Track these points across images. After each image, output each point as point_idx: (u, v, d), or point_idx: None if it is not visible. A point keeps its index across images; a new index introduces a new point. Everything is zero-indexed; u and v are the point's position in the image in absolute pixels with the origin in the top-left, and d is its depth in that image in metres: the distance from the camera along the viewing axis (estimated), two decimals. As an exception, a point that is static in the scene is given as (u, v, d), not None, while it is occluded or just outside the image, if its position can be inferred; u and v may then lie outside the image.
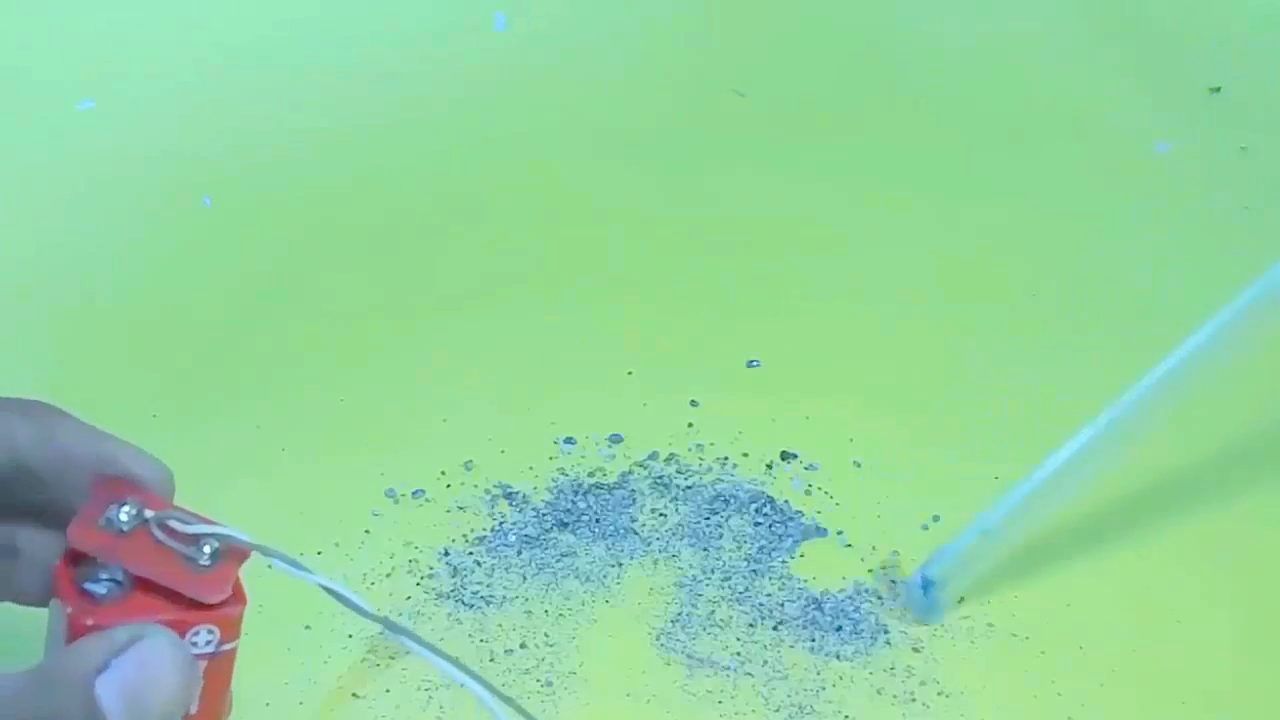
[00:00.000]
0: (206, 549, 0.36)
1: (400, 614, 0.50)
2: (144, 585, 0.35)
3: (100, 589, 0.35)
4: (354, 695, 0.48)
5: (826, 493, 0.55)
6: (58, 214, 0.65)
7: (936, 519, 0.54)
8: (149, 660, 0.34)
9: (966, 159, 0.72)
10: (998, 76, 0.77)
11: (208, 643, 0.36)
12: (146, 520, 0.36)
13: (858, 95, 0.76)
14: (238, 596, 0.37)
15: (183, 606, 0.36)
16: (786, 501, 0.54)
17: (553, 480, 0.55)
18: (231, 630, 0.37)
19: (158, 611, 0.35)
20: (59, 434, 0.38)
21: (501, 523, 0.53)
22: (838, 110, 0.75)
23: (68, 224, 0.65)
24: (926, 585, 0.50)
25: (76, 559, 0.36)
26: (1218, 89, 0.76)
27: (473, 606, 0.50)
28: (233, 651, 0.37)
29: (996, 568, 0.50)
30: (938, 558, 0.50)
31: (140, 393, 0.57)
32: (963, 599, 0.50)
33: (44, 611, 0.38)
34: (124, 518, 0.36)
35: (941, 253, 0.66)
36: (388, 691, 0.48)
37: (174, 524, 0.36)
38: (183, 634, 0.35)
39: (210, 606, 0.36)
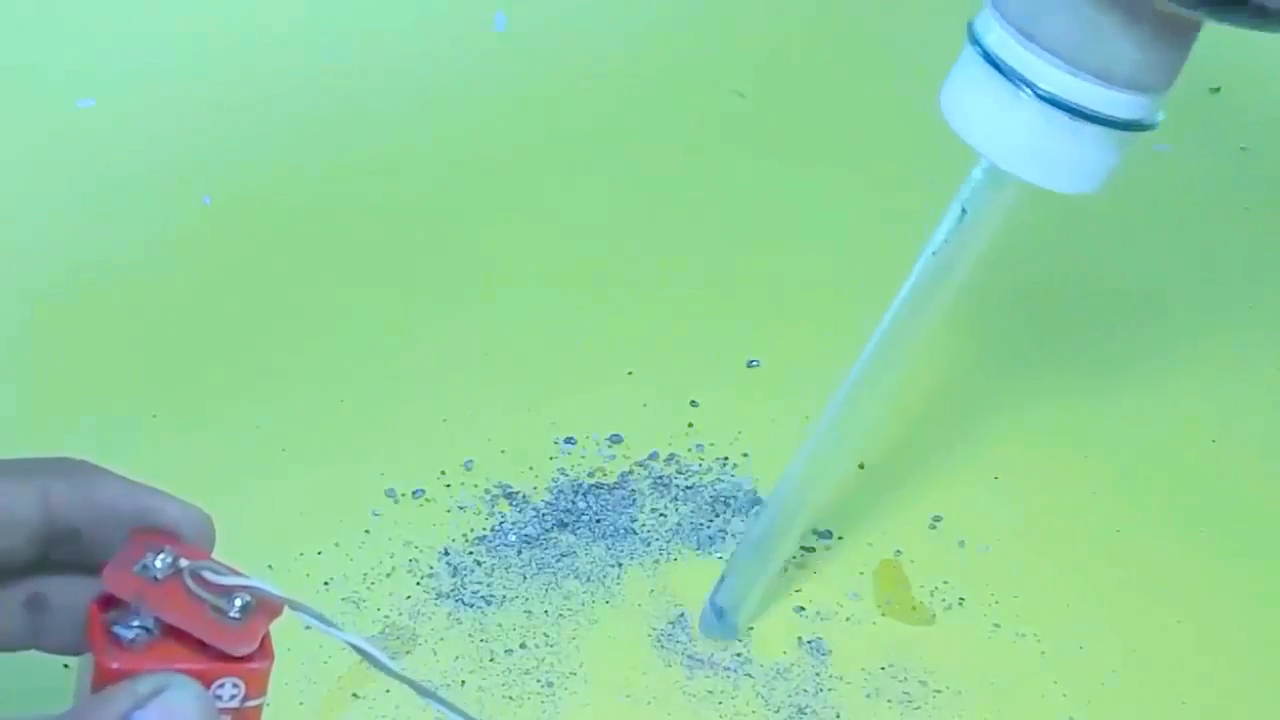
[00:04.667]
0: (238, 602, 0.36)
1: (400, 613, 0.50)
2: (173, 634, 0.35)
3: (129, 634, 0.35)
4: (354, 695, 0.48)
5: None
6: (57, 213, 0.65)
7: (937, 519, 0.54)
8: (173, 712, 0.34)
9: (966, 159, 0.72)
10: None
11: (232, 697, 0.36)
12: (181, 569, 0.36)
13: (858, 95, 0.75)
14: (265, 652, 0.36)
15: (209, 658, 0.35)
16: (787, 502, 0.54)
17: (553, 480, 0.55)
18: (257, 686, 0.36)
19: (184, 661, 0.35)
20: (99, 492, 0.38)
21: (501, 523, 0.53)
22: (838, 110, 0.75)
23: (67, 223, 0.65)
24: (720, 612, 0.50)
25: (109, 603, 0.36)
26: (1218, 89, 0.76)
27: (473, 606, 0.50)
28: (258, 709, 0.37)
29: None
30: (720, 586, 0.50)
31: (140, 393, 0.57)
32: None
33: (70, 658, 0.38)
34: (159, 565, 0.36)
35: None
36: (388, 691, 0.48)
37: (208, 575, 0.36)
38: (208, 685, 0.35)
39: (236, 660, 0.36)
